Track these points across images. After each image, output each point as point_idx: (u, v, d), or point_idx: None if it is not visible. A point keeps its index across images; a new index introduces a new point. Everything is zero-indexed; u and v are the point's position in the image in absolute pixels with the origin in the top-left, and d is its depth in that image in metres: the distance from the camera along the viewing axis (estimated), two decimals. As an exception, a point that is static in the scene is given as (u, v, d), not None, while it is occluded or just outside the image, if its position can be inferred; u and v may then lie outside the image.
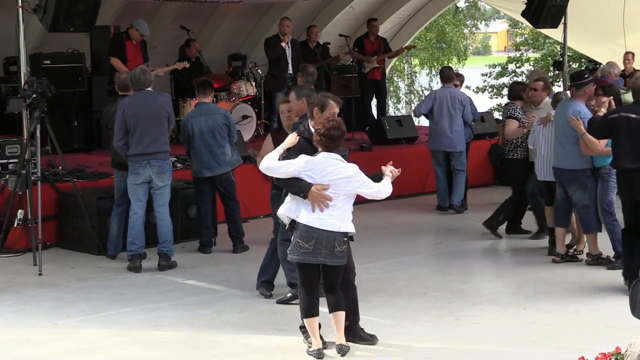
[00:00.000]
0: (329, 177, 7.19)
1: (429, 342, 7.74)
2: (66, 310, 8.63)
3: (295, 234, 7.26)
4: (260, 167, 7.41)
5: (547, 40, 31.16)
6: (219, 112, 11.03)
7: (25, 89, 10.39)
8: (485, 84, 34.53)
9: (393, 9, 19.54)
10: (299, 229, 7.23)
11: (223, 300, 8.98)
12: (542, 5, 15.55)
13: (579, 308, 8.61)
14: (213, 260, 10.58)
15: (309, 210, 7.18)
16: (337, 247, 7.20)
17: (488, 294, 9.07)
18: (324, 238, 7.16)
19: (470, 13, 37.07)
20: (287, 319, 8.24)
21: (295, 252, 7.24)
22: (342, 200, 7.24)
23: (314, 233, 7.15)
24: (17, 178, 10.46)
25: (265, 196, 12.71)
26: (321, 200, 7.15)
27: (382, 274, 9.89)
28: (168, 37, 16.01)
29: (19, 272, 9.95)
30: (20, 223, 10.64)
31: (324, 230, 7.16)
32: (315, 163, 7.22)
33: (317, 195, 7.15)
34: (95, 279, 9.74)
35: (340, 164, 7.28)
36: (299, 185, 7.19)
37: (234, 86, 15.12)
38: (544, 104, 11.41)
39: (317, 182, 7.18)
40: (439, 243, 11.58)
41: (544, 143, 10.67)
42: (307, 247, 7.17)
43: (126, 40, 13.67)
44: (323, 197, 7.15)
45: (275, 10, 17.61)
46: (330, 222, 7.19)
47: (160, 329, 8.09)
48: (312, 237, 7.15)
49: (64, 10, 10.71)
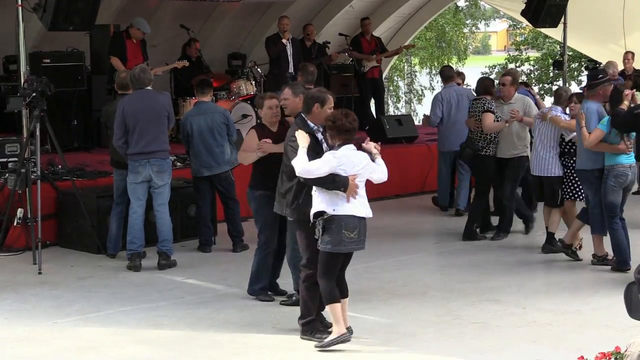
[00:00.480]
0: (357, 168, 7.47)
1: (428, 341, 7.73)
2: (66, 308, 8.63)
3: (333, 227, 7.39)
4: (298, 172, 7.46)
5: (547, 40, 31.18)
6: (218, 111, 11.02)
7: (24, 88, 10.39)
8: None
9: (393, 8, 19.54)
10: (338, 222, 7.39)
11: (222, 299, 8.98)
12: (541, 5, 15.56)
13: (579, 307, 8.61)
14: (213, 260, 10.58)
15: (345, 201, 7.41)
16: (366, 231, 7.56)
17: (487, 294, 9.07)
18: (362, 225, 7.50)
19: (470, 12, 37.08)
20: (287, 318, 8.24)
21: (343, 244, 7.43)
22: (363, 187, 7.55)
23: (357, 222, 7.45)
24: (17, 177, 10.46)
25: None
26: (354, 190, 7.41)
27: (382, 273, 9.89)
28: (168, 35, 16.02)
29: (18, 271, 9.95)
30: (19, 222, 10.64)
31: (362, 217, 7.49)
32: (345, 157, 7.46)
33: (352, 186, 7.42)
34: (95, 277, 9.74)
35: (359, 154, 7.55)
36: (338, 181, 7.40)
37: (234, 85, 15.12)
38: (514, 99, 11.59)
39: (350, 174, 7.42)
40: (439, 242, 11.57)
41: (539, 139, 10.80)
42: (352, 236, 7.43)
43: (126, 40, 13.64)
44: (355, 186, 7.43)
45: (275, 9, 17.61)
46: (364, 210, 7.52)
47: (160, 327, 8.09)
48: (356, 226, 7.44)
49: (64, 9, 10.71)
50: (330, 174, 7.38)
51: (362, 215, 7.48)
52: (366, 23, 17.23)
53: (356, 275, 9.76)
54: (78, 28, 11.24)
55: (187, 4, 16.33)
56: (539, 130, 10.89)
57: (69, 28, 11.05)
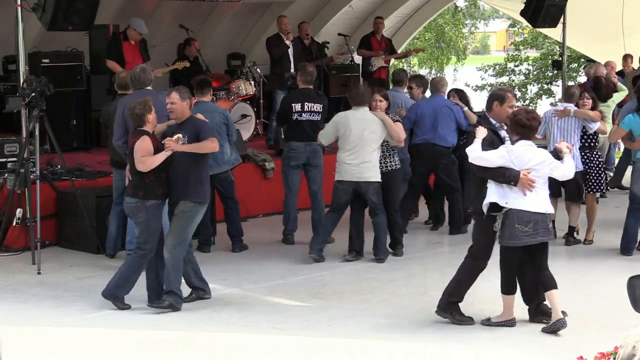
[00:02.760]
0: (531, 163, 7.74)
1: (428, 341, 7.74)
2: (65, 308, 8.63)
3: (507, 221, 7.73)
4: (470, 159, 7.83)
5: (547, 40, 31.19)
6: (217, 111, 11.00)
7: (24, 88, 10.38)
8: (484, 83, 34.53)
9: (392, 8, 19.54)
10: (511, 216, 7.72)
11: (222, 299, 8.98)
12: (540, 5, 15.55)
13: (578, 307, 8.60)
14: (212, 259, 10.57)
15: (520, 195, 7.71)
16: (549, 224, 7.86)
17: (486, 294, 9.05)
18: (538, 220, 7.74)
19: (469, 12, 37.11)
20: (286, 318, 8.25)
21: (517, 238, 7.74)
22: (542, 184, 7.81)
23: (531, 216, 7.72)
24: (16, 177, 10.46)
25: (264, 195, 12.79)
26: (528, 184, 7.68)
27: (382, 274, 9.89)
28: (167, 36, 16.01)
29: (18, 271, 9.95)
30: (19, 222, 10.64)
31: (537, 212, 7.74)
32: (518, 151, 7.75)
33: (525, 180, 7.68)
34: (94, 277, 9.73)
35: (536, 150, 7.87)
36: (508, 175, 7.69)
37: (233, 85, 15.12)
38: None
39: (522, 168, 7.70)
40: (438, 243, 11.57)
41: (559, 135, 10.89)
42: (526, 230, 7.72)
43: (124, 41, 13.54)
44: (529, 180, 7.69)
45: (274, 9, 17.61)
46: (541, 205, 7.78)
47: (159, 327, 8.09)
48: (530, 220, 7.71)
49: (63, 9, 10.69)
50: (501, 167, 7.68)
51: (537, 210, 7.73)
52: (378, 22, 17.11)
53: (356, 275, 9.78)
54: (77, 28, 11.23)
55: (186, 4, 16.33)
56: (558, 126, 11.01)
57: (68, 28, 11.04)
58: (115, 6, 15.68)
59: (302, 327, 8.06)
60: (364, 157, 10.13)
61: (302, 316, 8.38)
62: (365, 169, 10.12)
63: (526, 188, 7.69)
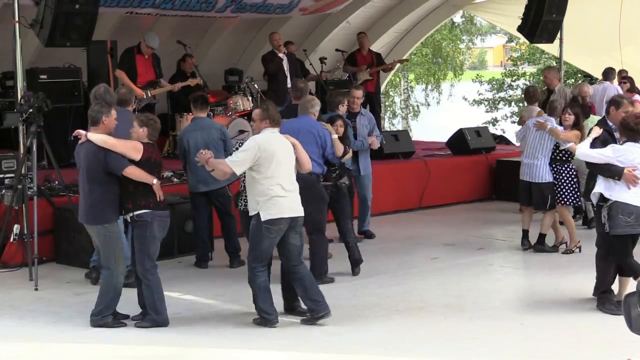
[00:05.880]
0: (637, 161, 8.59)
1: (425, 357, 7.72)
2: (62, 325, 8.61)
3: (613, 211, 8.59)
4: (577, 154, 9.10)
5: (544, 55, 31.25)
6: (215, 127, 11.02)
7: (21, 104, 10.39)
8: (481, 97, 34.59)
9: (389, 24, 19.60)
10: (615, 207, 8.59)
11: (219, 315, 8.96)
12: (537, 21, 15.58)
13: (576, 323, 8.60)
14: (209, 275, 10.56)
15: (625, 189, 8.58)
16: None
17: (485, 309, 9.06)
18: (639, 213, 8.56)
19: (466, 28, 37.18)
20: (283, 334, 8.23)
21: (620, 227, 8.59)
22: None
23: (633, 209, 8.55)
24: (14, 193, 10.46)
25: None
26: (633, 180, 8.52)
27: (379, 289, 9.88)
28: (165, 51, 16.02)
29: (15, 287, 9.93)
30: (16, 238, 10.63)
31: (638, 206, 8.55)
32: (624, 150, 8.64)
33: (629, 176, 8.53)
34: (92, 293, 9.67)
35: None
36: (613, 170, 8.60)
37: (231, 101, 15.13)
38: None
39: (627, 165, 8.55)
40: (436, 258, 11.56)
41: (532, 145, 11.36)
42: (629, 220, 8.56)
43: (137, 55, 13.67)
44: (634, 176, 8.53)
45: (272, 25, 17.65)
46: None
47: (156, 344, 8.07)
48: (632, 212, 8.56)
49: (61, 25, 10.73)
50: (607, 163, 8.62)
51: (634, 203, 8.53)
52: (361, 37, 17.22)
53: (353, 291, 9.76)
54: (75, 44, 11.25)
55: (183, 19, 16.36)
56: (534, 135, 11.40)
57: (66, 44, 11.07)
58: (112, 22, 15.71)
59: (300, 343, 8.04)
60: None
61: (300, 332, 8.36)
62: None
63: (630, 183, 8.53)
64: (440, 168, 15.28)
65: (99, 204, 8.38)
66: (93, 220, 8.45)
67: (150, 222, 8.33)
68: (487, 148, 16.08)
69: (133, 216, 8.34)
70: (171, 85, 14.37)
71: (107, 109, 8.59)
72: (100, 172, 8.33)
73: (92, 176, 8.38)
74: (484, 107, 34.85)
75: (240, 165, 8.29)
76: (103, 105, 8.70)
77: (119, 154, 8.30)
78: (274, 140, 8.40)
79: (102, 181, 8.33)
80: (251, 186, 8.40)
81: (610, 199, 8.63)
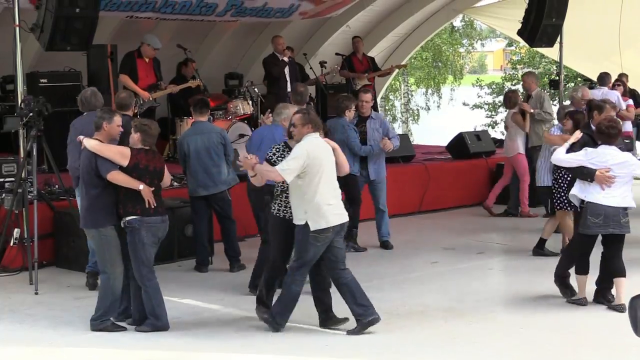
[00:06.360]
0: (608, 163, 8.84)
1: (426, 361, 7.73)
2: (62, 329, 8.60)
3: (584, 212, 8.93)
4: (553, 159, 9.42)
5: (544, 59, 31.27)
6: (215, 131, 11.02)
7: (22, 108, 10.39)
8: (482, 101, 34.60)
9: (389, 28, 19.61)
10: (587, 208, 8.90)
11: (219, 319, 8.96)
12: (537, 25, 15.57)
13: (578, 327, 8.60)
14: (209, 279, 10.56)
15: (598, 190, 8.84)
16: (622, 218, 8.88)
17: (485, 313, 9.06)
18: (610, 213, 8.81)
19: (466, 32, 37.20)
20: (283, 339, 8.23)
21: (588, 228, 8.88)
22: (621, 182, 8.86)
23: (602, 210, 8.80)
24: (14, 197, 10.46)
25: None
26: (605, 180, 8.77)
27: (379, 293, 9.85)
28: (165, 55, 16.03)
29: (15, 291, 9.93)
30: (16, 242, 10.63)
31: (610, 206, 8.81)
32: (597, 153, 8.94)
33: (601, 177, 8.80)
34: (92, 297, 9.66)
35: (615, 153, 8.92)
36: (585, 172, 8.90)
37: (231, 105, 15.14)
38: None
39: (600, 167, 8.81)
40: (436, 262, 11.56)
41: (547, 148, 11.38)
42: (597, 221, 8.82)
43: (137, 59, 13.69)
44: (606, 177, 8.78)
45: (272, 29, 17.67)
46: (613, 199, 8.83)
47: (156, 348, 8.06)
48: (600, 212, 8.81)
49: (61, 29, 10.72)
50: (581, 165, 8.92)
51: (610, 204, 8.79)
52: (356, 41, 17.25)
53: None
54: (75, 48, 11.25)
55: (184, 23, 16.37)
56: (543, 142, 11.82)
57: (67, 48, 11.06)
58: (113, 26, 15.72)
59: (300, 348, 8.03)
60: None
61: (300, 337, 8.35)
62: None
63: (603, 184, 8.77)
64: (440, 172, 15.29)
65: (93, 207, 8.41)
66: (89, 223, 8.48)
67: (138, 229, 8.32)
68: (487, 152, 16.09)
69: (124, 222, 8.35)
70: (172, 87, 14.36)
71: (109, 115, 8.60)
72: (93, 177, 8.38)
73: (86, 180, 8.45)
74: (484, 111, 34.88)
75: (291, 174, 8.06)
76: (106, 111, 8.73)
77: (107, 159, 8.32)
78: (320, 146, 8.26)
79: (96, 185, 8.35)
80: (296, 194, 8.22)
81: (585, 200, 8.93)
